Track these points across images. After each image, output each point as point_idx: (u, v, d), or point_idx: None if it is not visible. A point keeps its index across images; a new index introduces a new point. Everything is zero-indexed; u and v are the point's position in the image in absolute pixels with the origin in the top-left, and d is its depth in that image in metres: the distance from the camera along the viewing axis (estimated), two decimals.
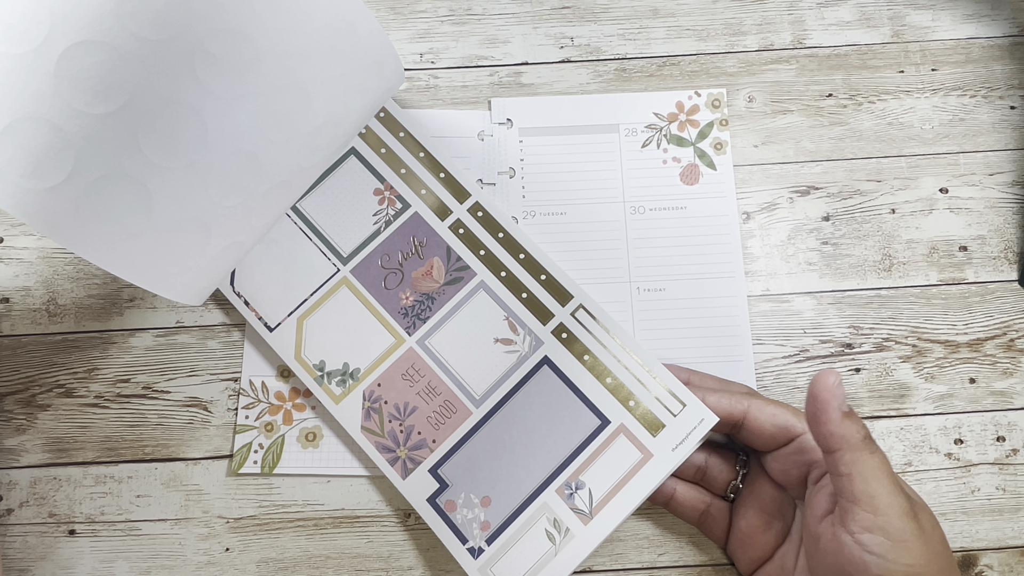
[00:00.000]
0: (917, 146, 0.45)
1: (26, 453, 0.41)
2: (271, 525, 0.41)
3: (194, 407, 0.42)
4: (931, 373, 0.42)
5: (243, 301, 0.42)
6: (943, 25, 0.47)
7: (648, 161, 0.44)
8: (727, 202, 0.44)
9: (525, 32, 0.47)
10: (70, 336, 0.43)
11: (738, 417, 0.37)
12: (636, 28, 0.47)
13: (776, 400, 0.37)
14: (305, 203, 0.43)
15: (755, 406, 0.36)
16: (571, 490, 0.38)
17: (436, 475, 0.39)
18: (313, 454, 0.41)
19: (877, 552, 0.30)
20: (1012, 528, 0.40)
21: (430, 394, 0.40)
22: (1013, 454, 0.41)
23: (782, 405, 0.36)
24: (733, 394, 0.38)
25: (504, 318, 0.41)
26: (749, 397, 0.37)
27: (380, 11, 0.47)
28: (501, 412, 0.40)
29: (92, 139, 0.30)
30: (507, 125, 0.45)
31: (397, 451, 0.40)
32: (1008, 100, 0.45)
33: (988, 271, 0.43)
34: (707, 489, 0.39)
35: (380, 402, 0.40)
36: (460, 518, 0.38)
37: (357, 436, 0.40)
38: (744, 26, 0.47)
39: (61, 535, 0.40)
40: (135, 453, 0.41)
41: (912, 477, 0.41)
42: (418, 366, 0.41)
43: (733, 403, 0.37)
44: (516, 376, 0.40)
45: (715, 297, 0.43)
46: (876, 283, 0.43)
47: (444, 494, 0.39)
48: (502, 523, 0.38)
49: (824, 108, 0.46)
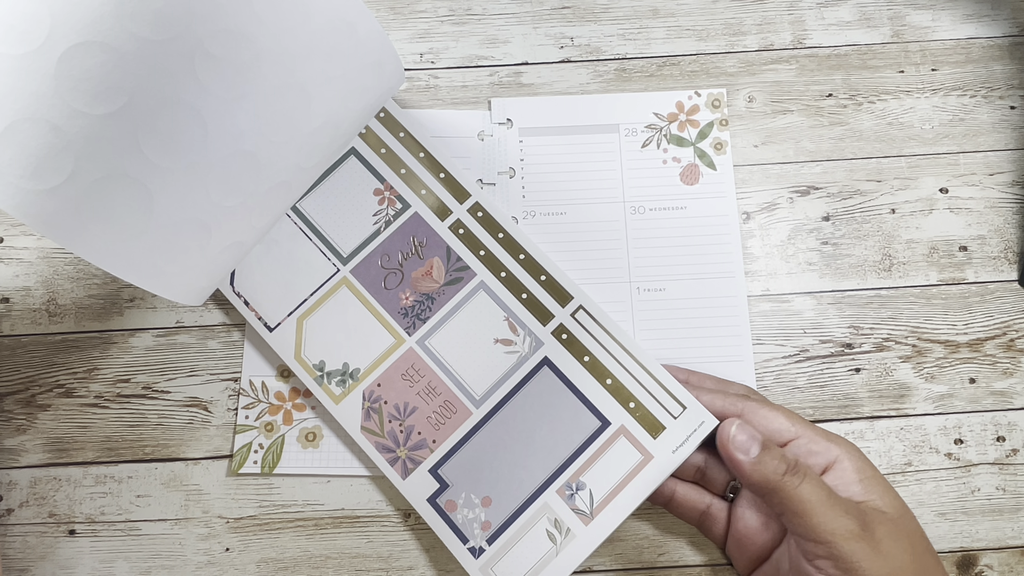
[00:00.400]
0: (917, 146, 0.45)
1: (26, 453, 0.41)
2: (271, 525, 0.41)
3: (194, 407, 0.42)
4: (931, 373, 0.42)
5: (243, 301, 0.42)
6: (943, 25, 0.47)
7: (648, 161, 0.44)
8: (727, 202, 0.44)
9: (525, 32, 0.47)
10: (70, 336, 0.43)
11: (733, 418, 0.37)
12: (636, 28, 0.47)
13: (773, 404, 0.37)
14: (305, 203, 0.43)
15: (749, 408, 0.36)
16: (572, 491, 0.38)
17: (436, 475, 0.39)
18: (313, 454, 0.41)
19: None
20: (1012, 528, 0.40)
21: (430, 394, 0.40)
22: (1013, 454, 0.41)
23: (778, 409, 0.36)
24: (728, 395, 0.38)
25: (504, 319, 0.41)
26: (745, 399, 0.37)
27: (380, 11, 0.47)
28: (501, 412, 0.40)
29: (92, 140, 0.30)
30: (507, 125, 0.45)
31: (397, 451, 0.40)
32: (1008, 100, 0.45)
33: (988, 271, 0.43)
34: (707, 489, 0.39)
35: (380, 402, 0.40)
36: (461, 518, 0.39)
37: (357, 436, 0.40)
38: (744, 26, 0.47)
39: (61, 535, 0.41)
40: (135, 453, 0.41)
41: (912, 477, 0.41)
42: (418, 366, 0.41)
43: (727, 404, 0.37)
44: (516, 377, 0.40)
45: (715, 297, 0.43)
46: (876, 283, 0.43)
47: (444, 494, 0.39)
48: (503, 523, 0.38)
49: (824, 108, 0.46)
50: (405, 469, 0.39)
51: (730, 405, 0.37)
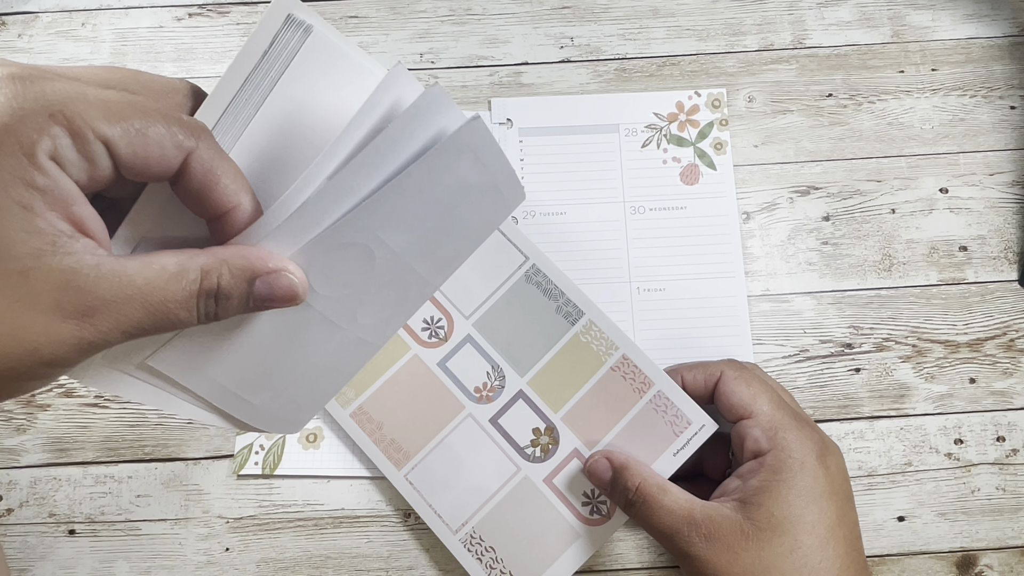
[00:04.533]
0: (917, 146, 0.45)
1: (26, 453, 0.41)
2: (271, 525, 0.41)
3: None
4: (931, 373, 0.42)
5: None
6: (943, 25, 0.47)
7: (648, 161, 0.44)
8: (727, 202, 0.44)
9: (525, 32, 0.47)
10: None
11: (712, 388, 0.38)
12: (636, 28, 0.47)
13: (750, 376, 0.37)
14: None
15: (725, 377, 0.37)
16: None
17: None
18: (314, 455, 0.41)
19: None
20: (1012, 528, 0.40)
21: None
22: (1013, 454, 0.41)
23: (749, 383, 0.37)
24: (708, 365, 0.38)
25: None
26: (723, 366, 0.38)
27: (380, 11, 0.47)
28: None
29: None
30: (507, 125, 0.45)
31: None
32: (1008, 100, 0.45)
33: (988, 271, 0.43)
34: (707, 475, 0.40)
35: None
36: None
37: (358, 437, 0.40)
38: (744, 26, 0.47)
39: (61, 535, 0.40)
40: (135, 453, 0.41)
41: (912, 477, 0.41)
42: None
43: (708, 374, 0.38)
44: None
45: (715, 297, 0.43)
46: (876, 283, 0.43)
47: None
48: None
49: (824, 108, 0.46)
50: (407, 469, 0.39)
51: (711, 374, 0.38)
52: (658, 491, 0.35)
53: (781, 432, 0.35)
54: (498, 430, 0.39)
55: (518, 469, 0.39)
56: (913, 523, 0.41)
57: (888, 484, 0.41)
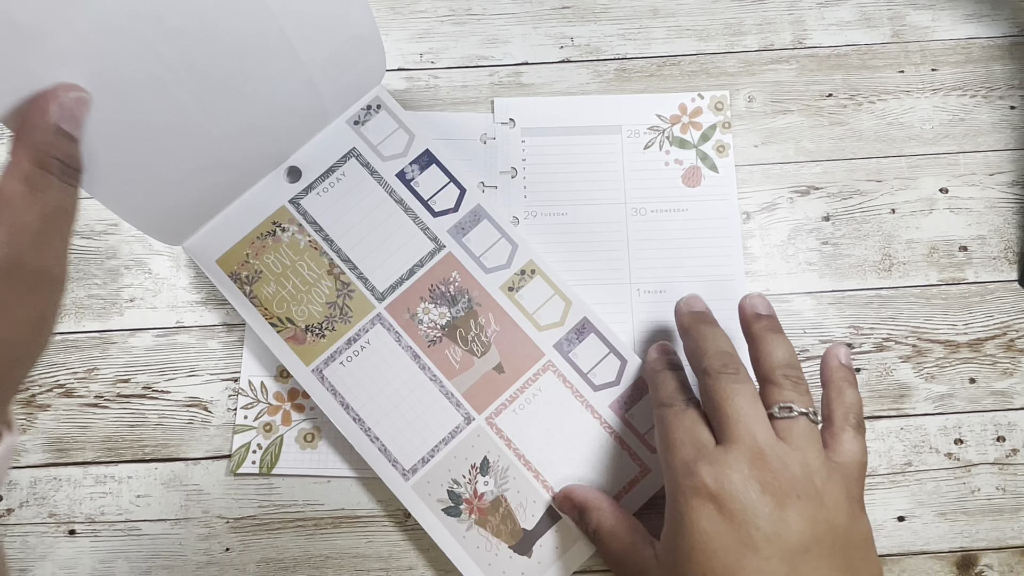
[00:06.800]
0: (917, 146, 0.45)
1: (26, 453, 0.41)
2: (271, 525, 0.41)
3: (194, 407, 0.42)
4: (931, 373, 0.42)
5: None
6: (943, 25, 0.47)
7: (650, 163, 0.44)
8: (729, 205, 0.44)
9: (525, 32, 0.47)
10: (70, 336, 0.43)
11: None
12: (636, 28, 0.47)
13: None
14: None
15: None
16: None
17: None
18: (311, 455, 0.41)
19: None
20: (1012, 528, 0.40)
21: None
22: (1013, 454, 0.41)
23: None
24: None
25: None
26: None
27: (380, 11, 0.47)
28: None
29: None
30: (510, 125, 0.45)
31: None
32: (1008, 100, 0.46)
33: (988, 271, 0.43)
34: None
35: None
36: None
37: (356, 438, 0.40)
38: (744, 26, 0.47)
39: (61, 535, 0.40)
40: (135, 453, 0.41)
41: (912, 477, 0.41)
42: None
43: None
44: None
45: (715, 299, 0.43)
46: (876, 283, 0.43)
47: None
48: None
49: (824, 108, 0.46)
50: (405, 471, 0.39)
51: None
52: (608, 536, 0.36)
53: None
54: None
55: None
56: (913, 523, 0.41)
57: (888, 484, 0.41)
